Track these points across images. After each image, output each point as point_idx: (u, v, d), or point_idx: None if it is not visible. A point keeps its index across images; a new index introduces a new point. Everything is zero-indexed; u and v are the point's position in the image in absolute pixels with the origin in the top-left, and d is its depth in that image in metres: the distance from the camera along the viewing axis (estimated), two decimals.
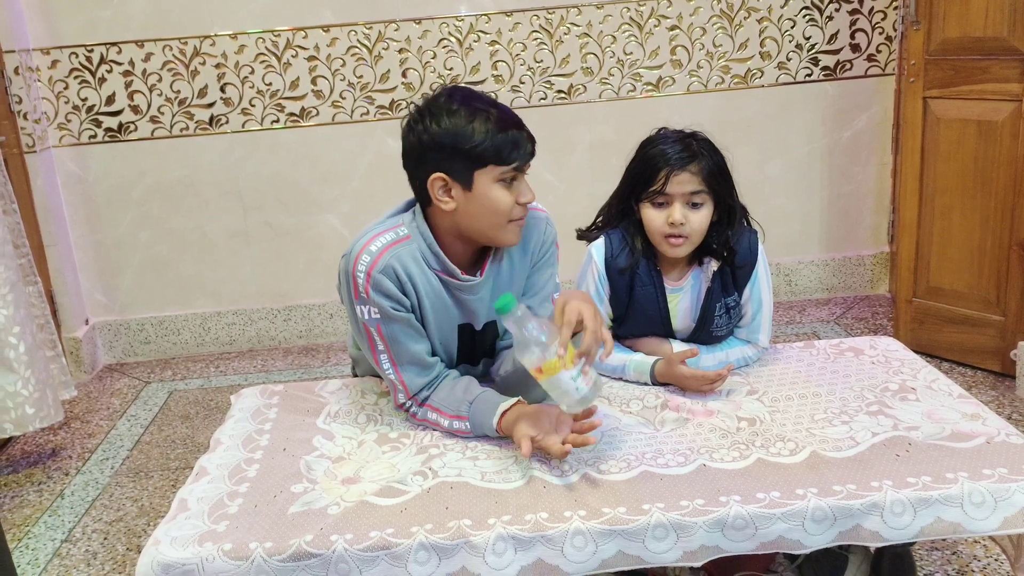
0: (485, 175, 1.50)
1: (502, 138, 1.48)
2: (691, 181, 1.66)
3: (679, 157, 1.66)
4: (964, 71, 2.61)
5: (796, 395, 1.65)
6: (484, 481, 1.43)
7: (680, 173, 1.65)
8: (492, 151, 1.49)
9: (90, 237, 3.24)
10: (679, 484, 1.39)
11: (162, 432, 2.74)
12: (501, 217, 1.53)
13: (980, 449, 1.42)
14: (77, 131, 3.14)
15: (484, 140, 1.48)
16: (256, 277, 3.33)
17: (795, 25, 3.18)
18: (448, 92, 1.54)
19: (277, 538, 1.31)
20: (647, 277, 1.74)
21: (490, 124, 1.48)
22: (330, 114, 3.17)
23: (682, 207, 1.66)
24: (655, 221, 1.68)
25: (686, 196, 1.66)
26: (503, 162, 1.50)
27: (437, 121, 1.50)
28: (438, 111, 1.50)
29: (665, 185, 1.66)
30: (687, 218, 1.66)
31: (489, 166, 1.50)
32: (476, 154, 1.49)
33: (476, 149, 1.48)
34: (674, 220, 1.66)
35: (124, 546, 2.14)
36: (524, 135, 1.52)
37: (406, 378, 1.58)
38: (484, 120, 1.48)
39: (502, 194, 1.52)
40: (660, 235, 1.69)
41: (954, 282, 2.75)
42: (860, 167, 3.34)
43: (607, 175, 1.86)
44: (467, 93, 1.53)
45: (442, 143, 1.50)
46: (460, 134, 1.48)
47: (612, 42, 3.15)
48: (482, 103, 1.51)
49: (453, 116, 1.49)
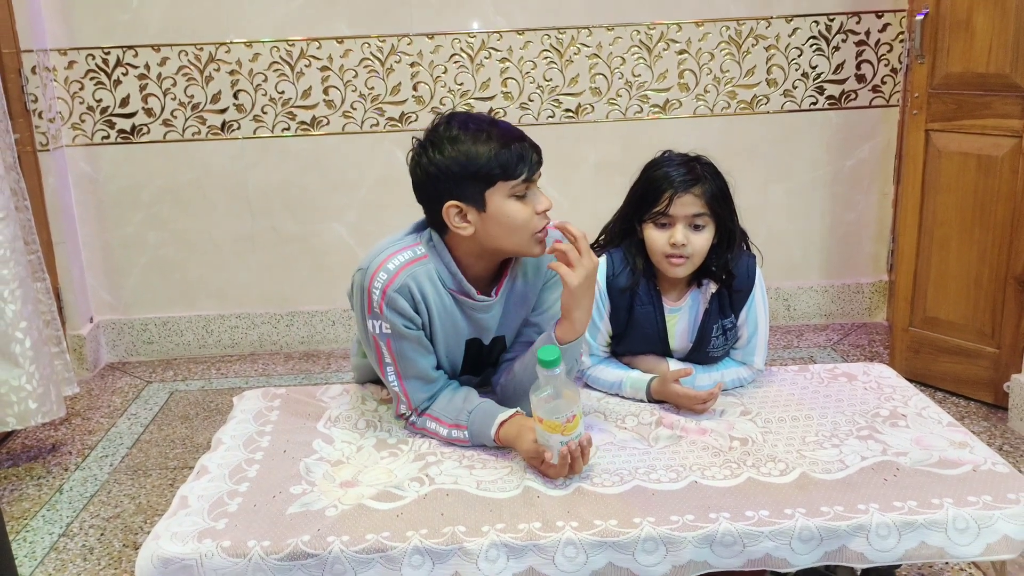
0: (497, 193, 1.52)
1: (506, 153, 1.50)
2: (694, 204, 1.69)
3: (683, 180, 1.69)
4: (966, 106, 2.65)
5: (788, 417, 1.68)
6: (479, 490, 1.46)
7: (683, 195, 1.68)
8: (499, 168, 1.50)
9: (98, 236, 3.28)
10: (670, 499, 1.41)
11: (162, 431, 2.76)
12: (522, 231, 1.55)
13: (966, 476, 1.45)
14: (90, 131, 3.19)
15: (489, 159, 1.50)
16: (260, 282, 3.37)
17: (802, 54, 3.22)
18: (446, 120, 1.56)
19: (275, 537, 1.34)
20: (647, 296, 1.77)
21: (492, 142, 1.50)
22: (340, 124, 3.21)
23: (684, 229, 1.69)
24: (657, 241, 1.72)
25: (688, 218, 1.70)
26: (511, 176, 1.51)
27: (440, 150, 1.52)
28: (439, 140, 1.52)
29: (668, 207, 1.69)
30: (688, 240, 1.69)
31: (499, 183, 1.51)
32: (484, 174, 1.50)
33: (483, 169, 1.50)
34: (676, 241, 1.69)
35: (120, 542, 2.16)
36: (527, 146, 1.53)
37: (410, 391, 1.61)
38: (485, 139, 1.50)
39: (517, 208, 1.53)
40: (661, 255, 1.72)
41: (950, 313, 2.78)
42: (862, 196, 3.38)
43: (612, 194, 1.90)
44: (464, 117, 1.55)
45: (449, 171, 1.51)
46: (465, 158, 1.50)
47: (621, 63, 3.20)
48: (480, 124, 1.53)
49: (455, 142, 1.51)
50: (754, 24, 3.18)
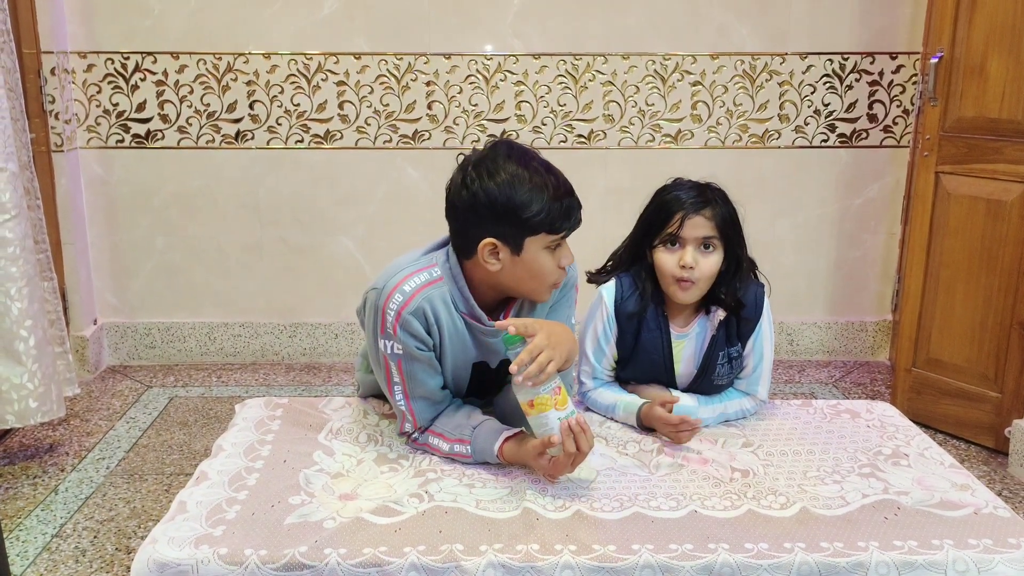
0: (536, 242, 1.52)
1: (557, 208, 1.49)
2: (704, 226, 1.70)
3: (694, 202, 1.71)
4: (977, 150, 2.66)
5: (790, 451, 1.68)
6: (479, 509, 1.45)
7: (694, 217, 1.70)
8: (547, 221, 1.49)
9: (107, 238, 3.29)
10: (670, 528, 1.41)
11: (160, 437, 2.76)
12: (544, 281, 1.56)
13: (967, 519, 1.45)
14: (105, 134, 3.21)
15: (541, 210, 1.48)
16: (266, 291, 3.37)
17: (815, 91, 3.25)
18: (505, 151, 1.52)
19: (272, 547, 1.34)
20: (654, 322, 1.78)
21: (547, 192, 1.48)
22: (353, 139, 3.23)
23: (694, 251, 1.70)
24: (667, 264, 1.73)
25: (698, 240, 1.71)
26: (555, 231, 1.51)
27: (495, 181, 1.48)
28: (495, 171, 1.49)
29: (679, 228, 1.70)
30: (697, 262, 1.70)
31: (541, 234, 1.51)
32: (532, 223, 1.49)
33: (533, 219, 1.49)
34: (686, 263, 1.70)
35: (113, 546, 2.15)
36: (576, 203, 1.53)
37: (416, 411, 1.61)
38: (542, 188, 1.48)
39: (548, 260, 1.54)
40: (671, 278, 1.73)
41: (954, 355, 2.78)
42: (869, 234, 3.39)
43: (620, 221, 1.91)
44: (522, 153, 1.52)
45: (497, 206, 1.48)
46: (518, 201, 1.47)
47: (635, 92, 3.22)
48: (538, 167, 1.51)
49: (513, 181, 1.48)
50: (769, 60, 3.21)
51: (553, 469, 1.49)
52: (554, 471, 1.50)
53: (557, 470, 1.49)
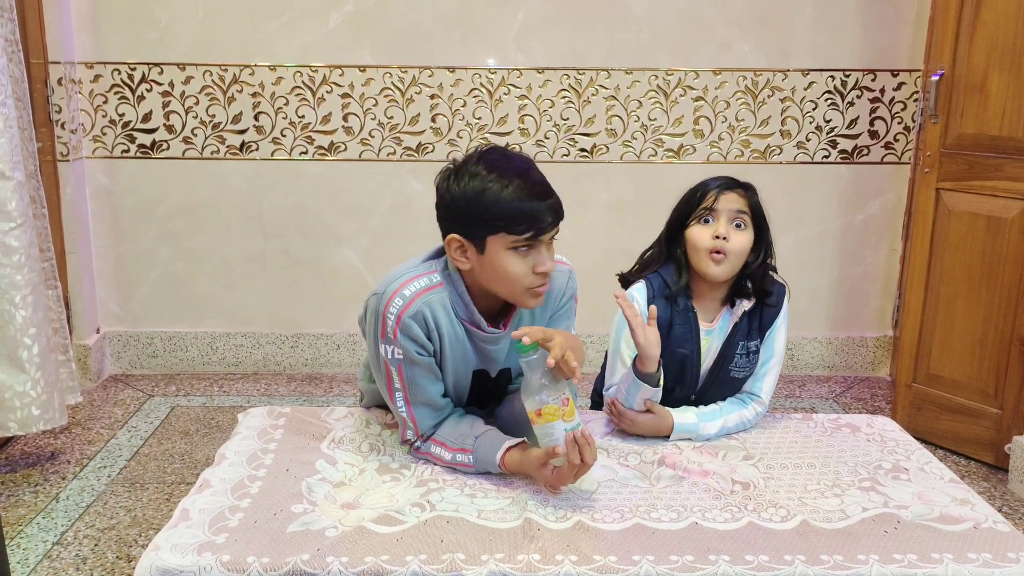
0: (497, 242, 1.51)
1: (517, 207, 1.48)
2: (738, 201, 1.80)
3: (726, 183, 1.81)
4: (978, 167, 2.68)
5: (791, 464, 1.69)
6: (480, 518, 1.46)
7: (728, 193, 1.80)
8: (505, 219, 1.49)
9: (111, 248, 3.31)
10: (670, 539, 1.42)
11: (161, 446, 2.76)
12: (515, 285, 1.54)
13: (967, 533, 1.45)
14: (111, 145, 3.23)
15: (497, 207, 1.48)
16: (268, 302, 3.38)
17: (816, 107, 3.27)
18: (480, 153, 1.55)
19: (274, 554, 1.34)
20: (683, 317, 1.82)
21: (507, 191, 1.48)
22: (357, 151, 3.25)
23: (727, 224, 1.77)
24: (700, 238, 1.78)
25: (732, 214, 1.78)
26: (515, 231, 1.49)
27: (460, 181, 1.52)
28: (464, 172, 1.52)
29: (715, 202, 1.78)
30: (730, 235, 1.76)
31: (501, 233, 1.50)
32: (488, 220, 1.50)
33: (488, 215, 1.49)
34: (719, 233, 1.76)
35: (114, 554, 2.16)
36: (545, 207, 1.50)
37: (418, 417, 1.62)
38: (503, 187, 1.48)
39: (514, 261, 1.52)
40: (704, 251, 1.78)
41: (954, 371, 2.79)
42: (870, 250, 3.41)
43: (622, 233, 1.93)
44: (498, 156, 1.53)
45: (459, 204, 1.52)
46: (476, 198, 1.49)
47: (638, 107, 3.24)
48: (510, 168, 1.50)
49: (475, 179, 1.50)
50: (771, 76, 3.23)
51: (556, 480, 1.50)
52: (556, 482, 1.50)
53: (560, 481, 1.50)
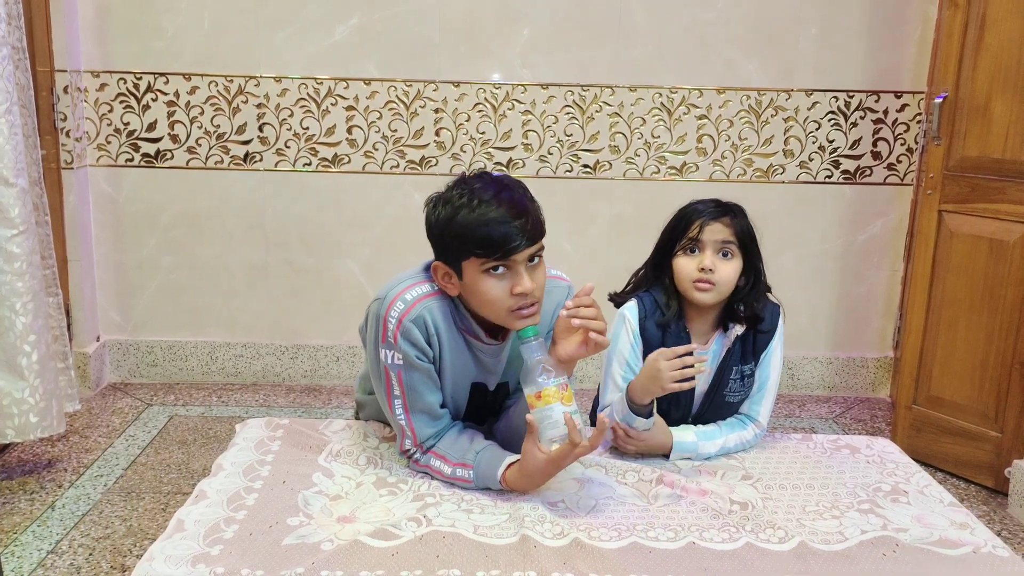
0: (471, 266, 1.52)
1: (483, 231, 1.47)
2: (723, 231, 1.76)
3: (712, 211, 1.78)
4: (980, 189, 2.68)
5: (790, 485, 1.68)
6: (477, 534, 1.45)
7: (713, 223, 1.76)
8: (473, 243, 1.49)
9: (113, 256, 3.31)
10: (667, 559, 1.41)
11: (158, 455, 2.76)
12: (495, 307, 1.53)
13: (966, 558, 1.44)
14: (115, 153, 3.24)
15: (465, 232, 1.49)
16: (269, 312, 3.38)
17: (820, 127, 3.27)
18: (462, 179, 1.56)
19: (269, 567, 1.33)
20: (676, 338, 1.80)
21: (473, 215, 1.48)
22: (361, 163, 3.26)
23: (713, 255, 1.75)
24: (686, 268, 1.77)
25: (717, 244, 1.76)
26: (486, 254, 1.49)
27: (437, 209, 1.54)
28: (443, 199, 1.54)
29: (699, 233, 1.76)
30: (716, 266, 1.74)
31: (472, 258, 1.51)
32: (459, 246, 1.51)
33: (458, 240, 1.50)
34: (704, 266, 1.74)
35: (108, 564, 2.15)
36: (513, 228, 1.48)
37: (416, 426, 1.62)
38: (470, 211, 1.48)
39: (490, 285, 1.51)
40: (689, 281, 1.76)
41: (955, 394, 2.78)
42: (872, 271, 3.40)
43: (624, 250, 1.93)
44: (478, 183, 1.53)
45: (435, 232, 1.55)
46: (448, 225, 1.51)
47: (641, 124, 3.25)
48: (484, 194, 1.50)
49: (447, 205, 1.52)
50: (775, 95, 3.24)
51: (555, 459, 1.51)
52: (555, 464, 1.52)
53: (559, 463, 1.51)
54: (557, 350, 1.56)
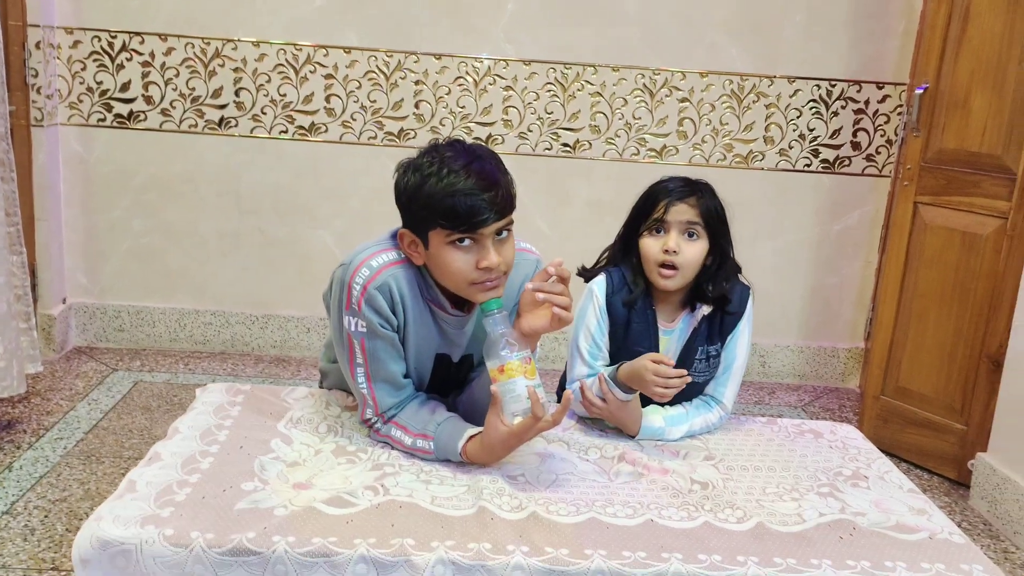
0: (437, 236, 1.50)
1: (451, 202, 1.45)
2: (688, 212, 1.74)
3: (679, 190, 1.76)
4: (956, 182, 2.68)
5: (752, 466, 1.67)
6: (433, 505, 1.44)
7: (678, 204, 1.74)
8: (440, 213, 1.46)
9: (82, 218, 3.25)
10: (624, 535, 1.40)
11: (121, 420, 2.72)
12: (457, 279, 1.51)
13: (922, 543, 1.44)
14: (87, 112, 3.17)
15: (432, 201, 1.46)
16: (240, 281, 3.34)
17: (800, 116, 3.26)
18: (433, 146, 1.53)
19: (220, 531, 1.31)
20: (643, 315, 1.79)
21: (442, 185, 1.45)
22: (338, 133, 3.22)
23: (677, 236, 1.73)
24: (651, 249, 1.75)
25: (682, 225, 1.74)
26: (452, 226, 1.47)
27: (404, 175, 1.52)
28: (413, 165, 1.51)
29: (664, 213, 1.74)
30: (680, 248, 1.73)
31: (438, 228, 1.48)
32: (426, 215, 1.48)
33: (425, 210, 1.48)
34: (668, 247, 1.72)
35: (64, 526, 2.12)
36: (483, 201, 1.45)
37: (378, 395, 1.59)
38: (438, 181, 1.46)
39: (455, 256, 1.49)
40: (654, 264, 1.75)
41: (922, 385, 2.79)
42: (846, 261, 3.41)
43: (600, 232, 1.91)
44: (450, 151, 1.50)
45: (403, 199, 1.52)
46: (416, 193, 1.48)
47: (623, 105, 3.23)
48: (455, 163, 1.47)
49: (417, 173, 1.49)
50: (757, 81, 3.23)
51: (518, 433, 1.49)
52: (517, 438, 1.50)
53: (521, 437, 1.50)
54: (521, 324, 1.54)
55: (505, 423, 1.50)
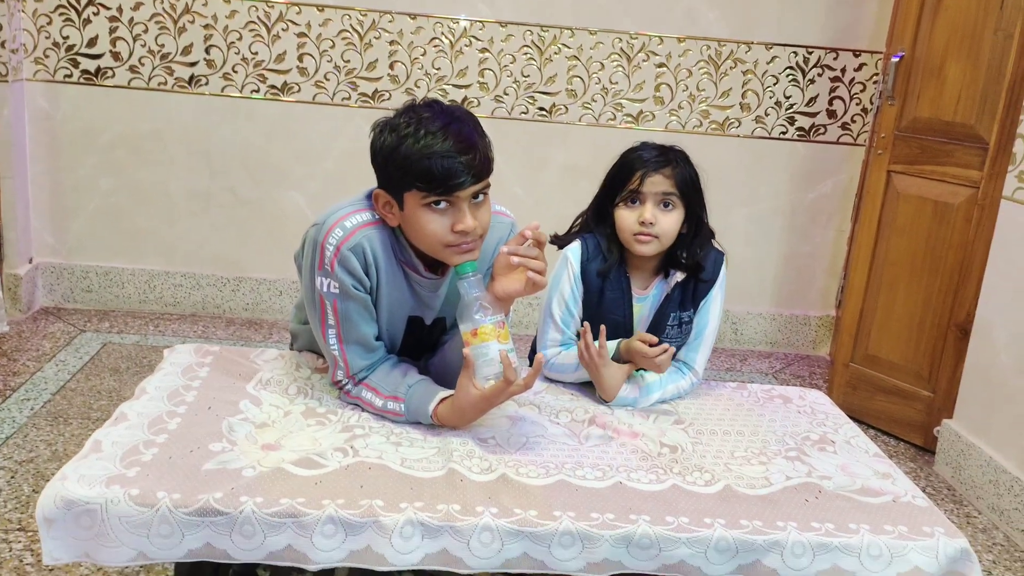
0: (413, 198, 1.48)
1: (428, 164, 1.43)
2: (664, 183, 1.73)
3: (655, 160, 1.74)
4: (930, 151, 2.69)
5: (720, 431, 1.69)
6: (403, 467, 1.43)
7: (654, 175, 1.72)
8: (416, 175, 1.44)
9: (48, 176, 3.19)
10: (593, 497, 1.40)
11: (89, 381, 2.69)
12: (432, 241, 1.50)
13: (886, 506, 1.46)
14: (53, 68, 3.10)
15: (408, 163, 1.44)
16: (211, 243, 3.30)
17: (777, 83, 3.26)
18: (410, 106, 1.50)
19: (186, 491, 1.30)
20: (617, 283, 1.79)
21: (419, 146, 1.43)
22: (311, 93, 3.17)
23: (653, 207, 1.72)
24: (627, 220, 1.74)
25: (658, 196, 1.73)
26: (428, 188, 1.45)
27: (381, 134, 1.49)
28: (389, 125, 1.49)
29: (640, 185, 1.72)
30: (657, 218, 1.72)
31: (414, 190, 1.47)
32: (402, 176, 1.46)
33: (401, 171, 1.46)
34: (645, 219, 1.71)
35: (31, 487, 2.10)
36: (460, 164, 1.43)
37: (349, 357, 1.58)
38: (415, 142, 1.44)
39: (430, 219, 1.48)
40: (630, 233, 1.74)
41: (891, 353, 2.83)
42: (820, 230, 3.42)
43: (576, 198, 1.90)
44: (427, 111, 1.48)
45: (379, 160, 1.50)
46: (392, 153, 1.46)
47: (600, 69, 3.20)
48: (433, 124, 1.44)
49: (394, 133, 1.47)
50: (735, 47, 3.21)
51: (489, 396, 1.49)
52: (488, 401, 1.50)
53: (492, 400, 1.50)
54: (495, 287, 1.53)
55: (477, 386, 1.49)
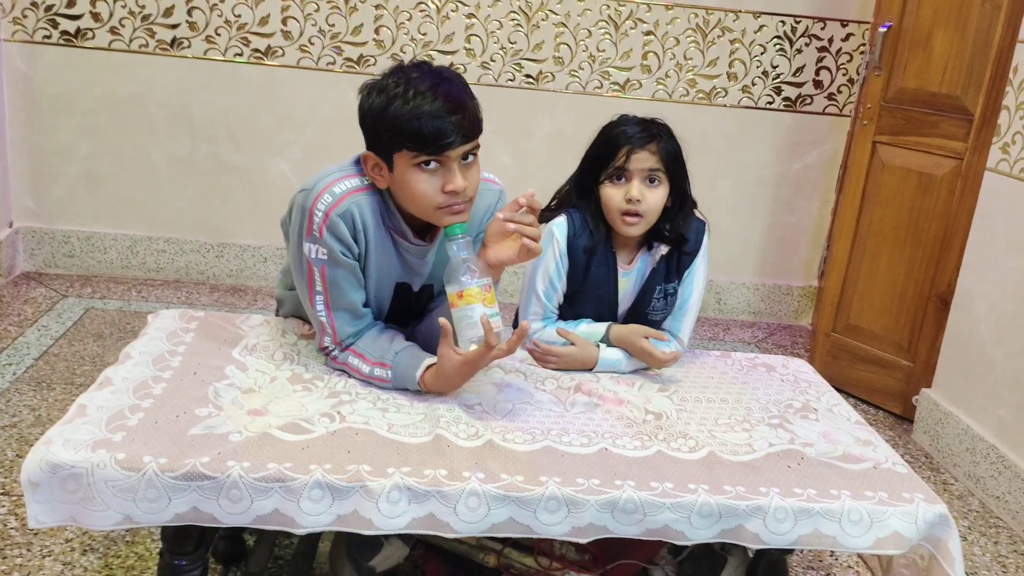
0: (403, 159, 1.47)
1: (417, 124, 1.42)
2: (649, 159, 1.72)
3: (639, 136, 1.72)
4: (915, 122, 2.70)
5: (704, 398, 1.70)
6: (390, 432, 1.44)
7: (639, 151, 1.71)
8: (406, 135, 1.44)
9: (27, 139, 3.15)
10: (578, 463, 1.42)
11: (72, 347, 2.68)
12: (423, 203, 1.49)
13: (866, 472, 1.49)
14: (31, 28, 3.04)
15: (398, 123, 1.44)
16: (194, 208, 3.27)
17: (764, 52, 3.25)
18: (399, 67, 1.49)
19: (173, 456, 1.30)
20: (603, 258, 1.79)
21: (409, 106, 1.43)
22: (296, 57, 3.13)
23: (640, 184, 1.71)
24: (613, 198, 1.73)
25: (644, 173, 1.72)
26: (418, 148, 1.45)
27: (369, 96, 1.48)
28: (378, 87, 1.48)
29: (626, 162, 1.71)
30: (643, 195, 1.71)
31: (404, 150, 1.46)
32: (391, 137, 1.46)
33: (390, 131, 1.45)
34: (632, 196, 1.70)
35: (14, 452, 2.09)
36: (449, 123, 1.43)
37: (337, 323, 1.58)
38: (405, 102, 1.43)
39: (420, 179, 1.47)
40: (617, 212, 1.73)
41: (872, 323, 2.85)
42: (804, 200, 3.44)
43: (562, 166, 1.89)
44: (416, 72, 1.47)
45: (367, 120, 1.49)
46: (381, 114, 1.45)
47: (587, 36, 3.18)
48: (422, 85, 1.44)
49: (383, 94, 1.46)
50: (722, 16, 3.19)
51: (471, 360, 1.49)
52: (472, 365, 1.50)
53: (475, 365, 1.50)
54: (487, 254, 1.53)
55: (458, 352, 1.50)
